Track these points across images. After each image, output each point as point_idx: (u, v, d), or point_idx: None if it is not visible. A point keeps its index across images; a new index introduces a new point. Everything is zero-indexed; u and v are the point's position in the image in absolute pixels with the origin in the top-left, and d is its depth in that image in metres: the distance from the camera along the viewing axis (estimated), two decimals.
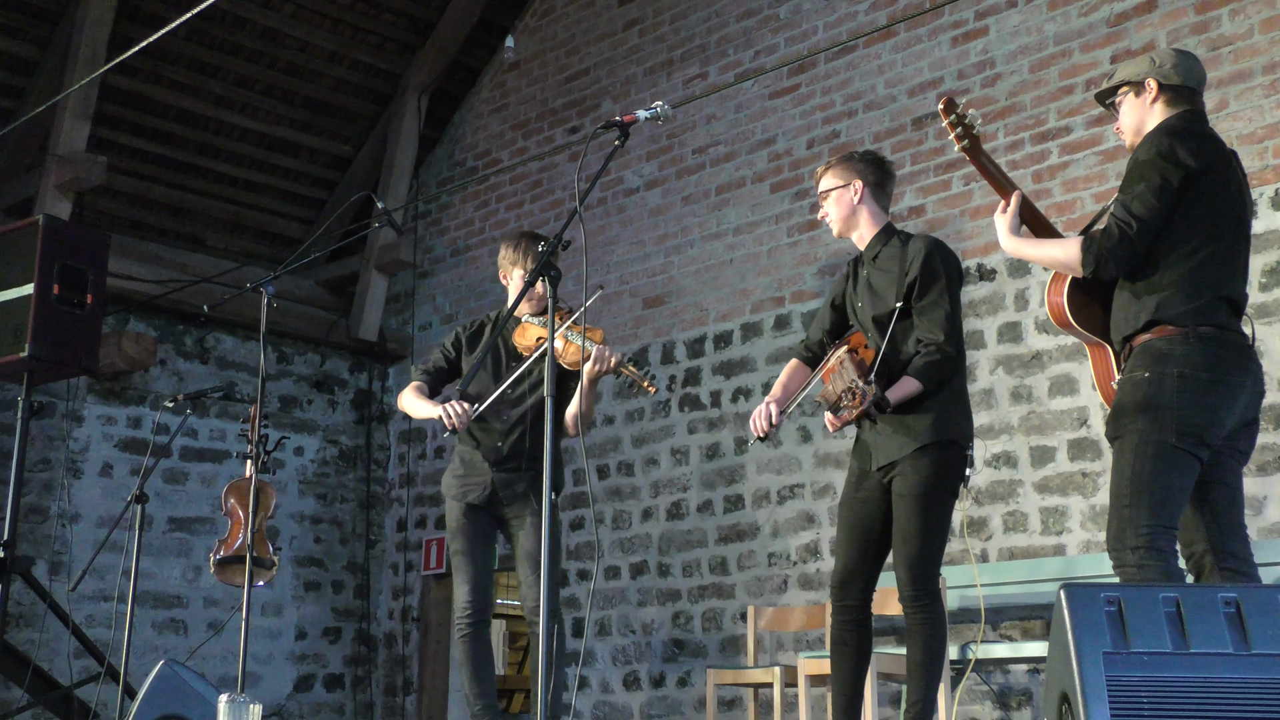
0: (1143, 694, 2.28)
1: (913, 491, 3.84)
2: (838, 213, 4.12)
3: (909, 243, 4.04)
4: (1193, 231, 3.35)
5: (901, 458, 3.87)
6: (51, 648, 6.72)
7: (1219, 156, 3.43)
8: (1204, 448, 3.29)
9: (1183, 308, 3.32)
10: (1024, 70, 6.08)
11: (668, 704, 6.82)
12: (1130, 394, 3.33)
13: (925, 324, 3.91)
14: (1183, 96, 3.52)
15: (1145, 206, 3.34)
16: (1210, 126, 3.55)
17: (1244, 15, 5.47)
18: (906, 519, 3.85)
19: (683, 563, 6.90)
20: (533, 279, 3.52)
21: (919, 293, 3.92)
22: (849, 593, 3.99)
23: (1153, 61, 3.55)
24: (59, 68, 7.29)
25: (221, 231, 8.67)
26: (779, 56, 7.02)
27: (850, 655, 4.00)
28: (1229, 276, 3.39)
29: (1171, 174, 3.34)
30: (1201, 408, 3.26)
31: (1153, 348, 3.33)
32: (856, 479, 4.05)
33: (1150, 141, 3.44)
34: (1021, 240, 3.61)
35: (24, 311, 5.64)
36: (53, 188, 7.18)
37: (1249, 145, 5.36)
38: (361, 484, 8.68)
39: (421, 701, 8.22)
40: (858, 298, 4.10)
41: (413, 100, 8.49)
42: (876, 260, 4.07)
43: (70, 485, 7.44)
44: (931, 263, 3.93)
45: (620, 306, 7.47)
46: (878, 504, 3.97)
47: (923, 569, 3.85)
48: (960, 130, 3.70)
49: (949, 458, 3.88)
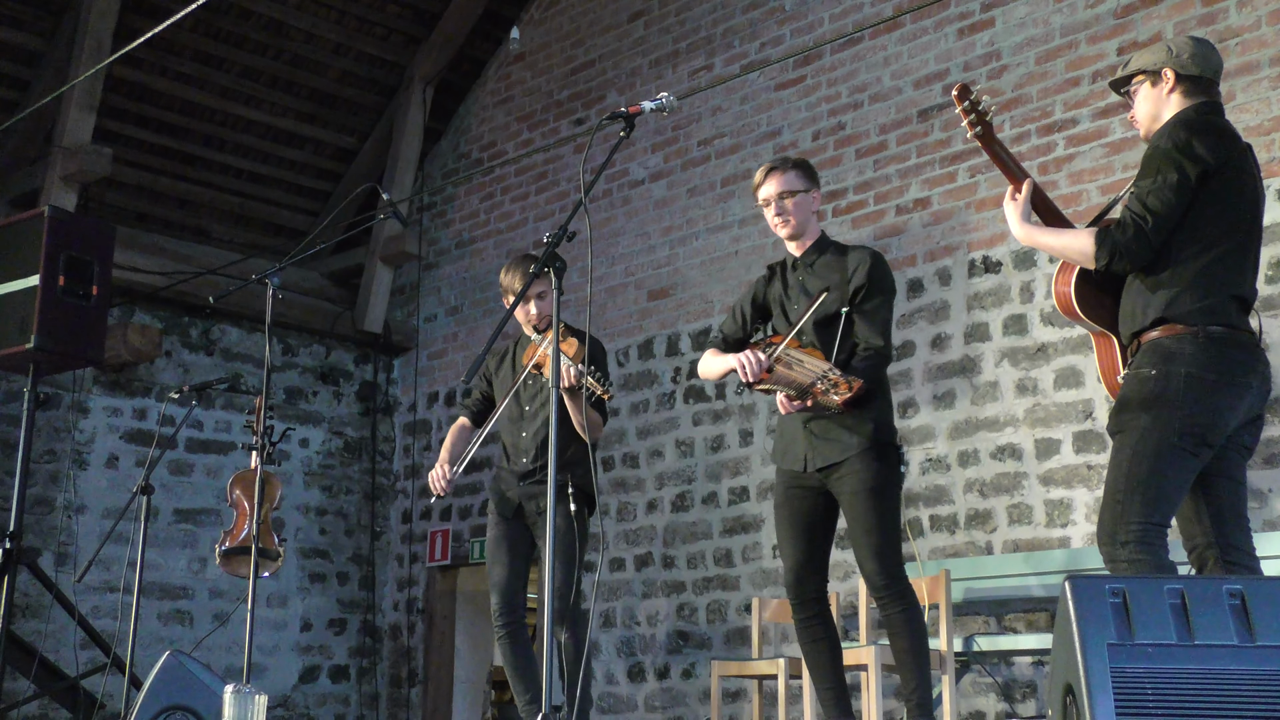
0: (1147, 686, 2.28)
1: (867, 487, 3.95)
2: (799, 215, 4.18)
3: (848, 252, 4.17)
4: (1207, 228, 3.32)
5: (846, 458, 3.98)
6: (58, 638, 6.73)
7: (1236, 152, 3.40)
8: (1205, 448, 3.27)
9: (1193, 306, 3.29)
10: (1030, 62, 6.07)
11: (672, 695, 6.82)
12: (1136, 390, 3.31)
13: (867, 328, 4.04)
14: (1200, 87, 3.48)
15: (1161, 201, 3.31)
16: (1227, 120, 3.51)
17: (1251, 7, 5.45)
18: (865, 513, 3.95)
19: (687, 555, 6.90)
20: (538, 269, 3.53)
21: (864, 298, 4.05)
22: (806, 587, 4.11)
23: (1170, 51, 3.51)
24: (64, 59, 7.29)
25: (227, 223, 8.68)
26: (785, 48, 7.01)
27: (825, 649, 4.13)
28: (1240, 274, 3.36)
29: (1189, 169, 3.31)
30: (1207, 409, 3.24)
31: (1161, 346, 3.31)
32: (789, 480, 4.14)
33: (1168, 134, 3.40)
34: (1034, 228, 3.58)
35: (30, 303, 5.64)
36: (58, 179, 7.18)
37: (1256, 137, 5.34)
38: (366, 476, 8.69)
39: (427, 693, 8.24)
40: (790, 300, 4.19)
41: (418, 92, 8.48)
42: (813, 267, 4.18)
43: (76, 476, 7.46)
44: (876, 272, 4.07)
45: (625, 298, 7.47)
46: (816, 501, 4.10)
47: (891, 558, 3.95)
48: (974, 117, 3.69)
49: (892, 457, 4.03)
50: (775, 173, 4.19)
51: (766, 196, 4.20)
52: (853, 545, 4.02)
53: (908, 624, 3.94)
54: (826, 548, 4.16)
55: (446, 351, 8.57)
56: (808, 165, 4.27)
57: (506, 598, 4.87)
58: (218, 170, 8.43)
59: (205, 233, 8.59)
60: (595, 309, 7.48)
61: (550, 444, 3.38)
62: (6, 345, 5.71)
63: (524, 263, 4.96)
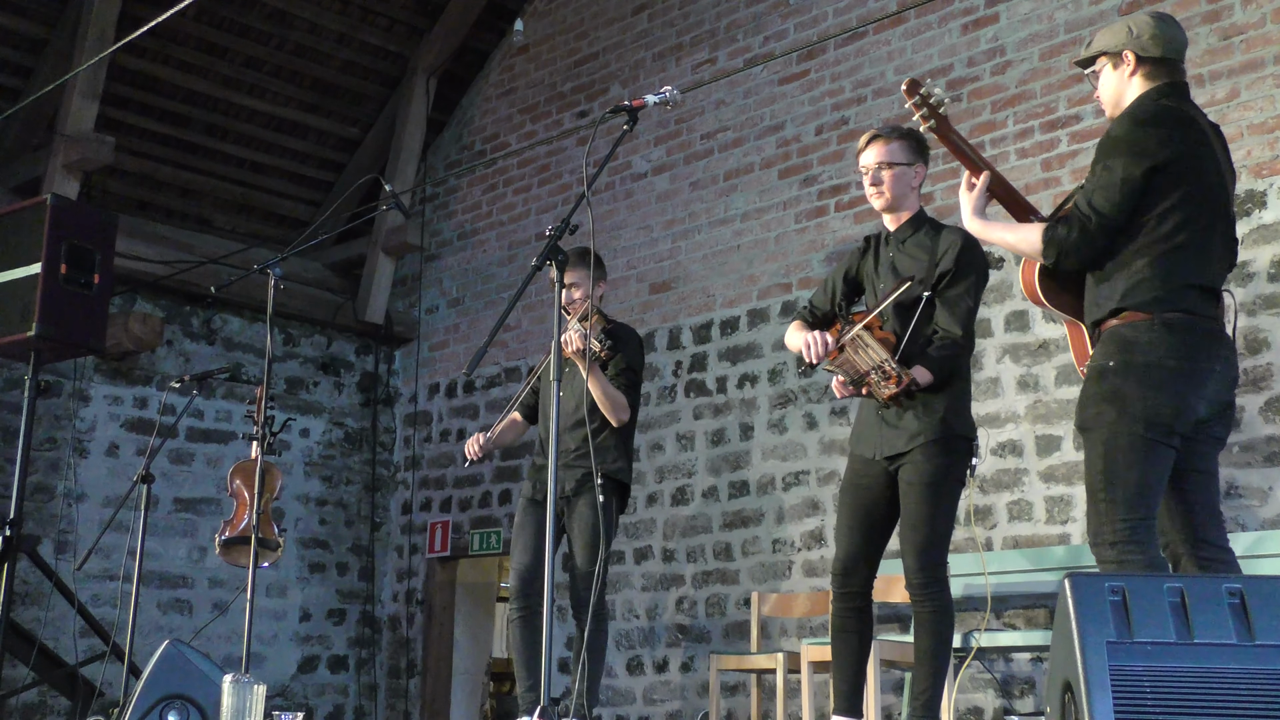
0: (1146, 684, 2.28)
1: (924, 480, 3.84)
2: (896, 189, 4.01)
3: (941, 232, 4.01)
4: (1164, 219, 3.26)
5: (912, 448, 3.86)
6: (57, 626, 6.74)
7: (1192, 141, 3.31)
8: (1174, 436, 3.21)
9: (1150, 295, 3.23)
10: (1034, 58, 6.06)
11: (671, 689, 6.83)
12: (1095, 384, 3.27)
13: (947, 316, 3.90)
14: (1162, 69, 3.40)
15: (1108, 200, 3.26)
16: (1186, 103, 3.41)
17: (1256, 4, 5.44)
18: (917, 506, 3.84)
19: (687, 548, 6.90)
20: (539, 264, 3.53)
21: (949, 283, 3.91)
22: (852, 580, 3.97)
23: (1130, 31, 3.42)
24: (67, 47, 7.28)
25: (229, 213, 8.67)
26: (789, 42, 7.00)
27: (854, 642, 3.98)
28: (1201, 263, 3.29)
29: (1136, 167, 3.25)
30: (1168, 396, 3.18)
31: (1119, 335, 3.27)
32: (859, 466, 4.03)
33: (1119, 127, 3.34)
34: (985, 222, 3.55)
35: (31, 291, 5.64)
36: (60, 167, 7.18)
37: (1260, 135, 5.33)
38: (367, 466, 8.69)
39: (425, 684, 8.25)
40: (879, 277, 4.07)
41: (421, 83, 8.47)
42: (905, 245, 4.04)
43: (76, 465, 7.46)
44: (965, 257, 3.92)
45: (627, 292, 7.47)
46: (881, 492, 3.96)
47: (932, 556, 3.84)
48: (926, 111, 3.66)
49: (959, 449, 3.89)
50: (878, 141, 4.03)
51: (865, 165, 4.04)
52: (899, 536, 3.91)
53: (937, 625, 3.84)
54: (883, 542, 4.01)
55: (448, 343, 8.57)
56: (918, 138, 4.05)
57: (525, 580, 4.87)
58: (220, 160, 8.42)
59: (207, 222, 8.59)
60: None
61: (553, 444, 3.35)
62: (8, 333, 5.71)
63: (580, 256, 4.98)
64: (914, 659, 3.93)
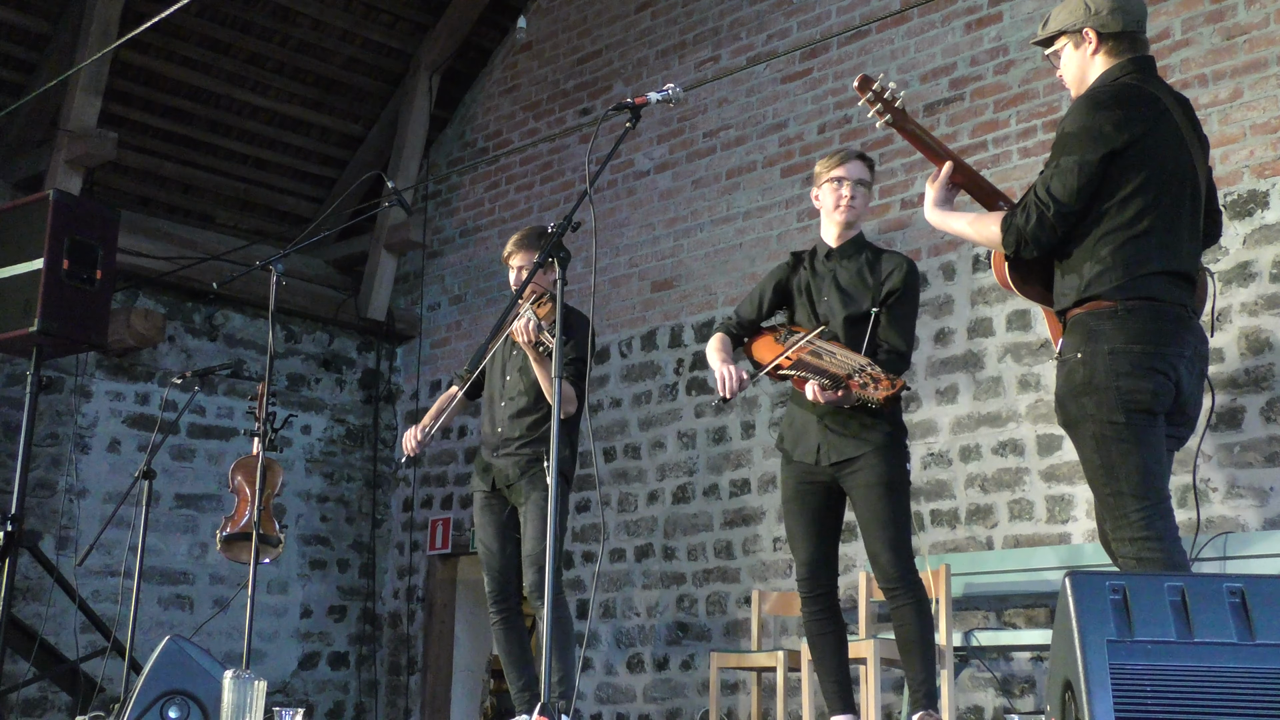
0: (1146, 682, 2.28)
1: (883, 481, 4.01)
2: (862, 207, 4.28)
3: (882, 255, 4.25)
4: (1126, 204, 3.21)
5: (863, 453, 4.02)
6: (58, 622, 6.75)
7: (1152, 121, 3.24)
8: (1157, 416, 3.17)
9: (1113, 283, 3.19)
10: (1037, 57, 6.05)
11: (671, 687, 6.83)
12: (1067, 379, 3.24)
13: (895, 333, 4.12)
14: (1124, 42, 3.34)
15: (1064, 186, 3.22)
16: (1150, 78, 3.34)
17: (1260, 4, 5.44)
18: (880, 506, 4.00)
19: (687, 546, 6.91)
20: (541, 260, 3.53)
21: (896, 302, 4.13)
22: (819, 581, 4.16)
23: (1088, 8, 3.35)
24: (70, 43, 7.29)
25: (231, 209, 8.68)
26: (791, 40, 7.00)
27: (832, 643, 4.18)
28: (1167, 247, 3.22)
29: (1093, 153, 3.20)
30: (1140, 379, 3.13)
31: (1083, 324, 3.23)
32: (801, 473, 4.18)
33: (1075, 112, 3.28)
34: (945, 213, 3.55)
35: (33, 286, 5.65)
36: (63, 163, 7.18)
37: (1264, 135, 5.33)
38: (368, 463, 8.69)
39: (426, 680, 8.25)
40: (821, 291, 4.22)
41: (424, 80, 8.48)
42: (846, 261, 4.22)
43: (78, 460, 7.47)
44: (910, 279, 4.16)
45: (629, 289, 7.47)
46: (826, 497, 4.16)
47: (905, 550, 4.01)
48: (881, 106, 3.68)
49: (905, 453, 4.12)
50: (858, 160, 4.28)
51: (843, 175, 4.23)
52: (865, 538, 4.06)
53: (919, 617, 3.98)
54: (837, 542, 4.22)
55: (449, 340, 8.58)
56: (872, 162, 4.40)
57: (500, 583, 4.84)
58: (223, 156, 8.43)
59: (210, 218, 8.59)
60: (599, 299, 7.47)
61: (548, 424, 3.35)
62: (10, 328, 5.71)
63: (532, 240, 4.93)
64: (903, 653, 4.05)
